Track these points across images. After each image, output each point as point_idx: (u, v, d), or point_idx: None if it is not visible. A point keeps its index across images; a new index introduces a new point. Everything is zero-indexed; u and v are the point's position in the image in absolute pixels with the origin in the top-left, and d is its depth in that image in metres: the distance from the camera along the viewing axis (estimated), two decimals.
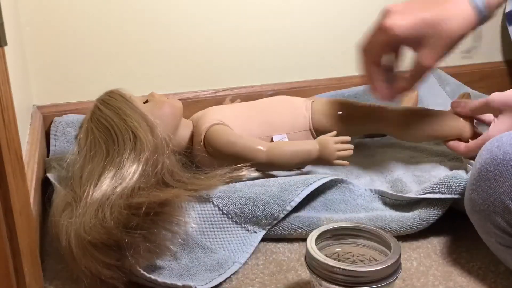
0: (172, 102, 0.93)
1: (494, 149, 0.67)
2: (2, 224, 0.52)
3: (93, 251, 0.67)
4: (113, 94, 0.88)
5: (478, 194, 0.68)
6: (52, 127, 1.09)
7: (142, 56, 1.17)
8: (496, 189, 0.65)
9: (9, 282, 0.53)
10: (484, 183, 0.67)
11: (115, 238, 0.67)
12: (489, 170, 0.66)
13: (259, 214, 0.79)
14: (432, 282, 0.71)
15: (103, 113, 0.84)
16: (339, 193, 0.87)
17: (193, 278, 0.70)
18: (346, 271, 0.59)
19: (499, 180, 0.65)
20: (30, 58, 1.09)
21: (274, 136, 0.95)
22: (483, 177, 0.67)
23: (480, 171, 0.68)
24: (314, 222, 0.80)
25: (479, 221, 0.69)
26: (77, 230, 0.69)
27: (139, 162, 0.78)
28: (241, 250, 0.77)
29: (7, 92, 0.56)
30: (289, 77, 1.28)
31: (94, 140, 0.82)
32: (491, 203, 0.66)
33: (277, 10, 1.23)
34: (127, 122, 0.82)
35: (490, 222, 0.66)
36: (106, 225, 0.68)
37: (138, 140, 0.80)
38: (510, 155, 0.65)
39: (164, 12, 1.16)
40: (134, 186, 0.75)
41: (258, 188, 0.82)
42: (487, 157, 0.67)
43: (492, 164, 0.66)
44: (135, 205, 0.70)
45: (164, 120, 0.88)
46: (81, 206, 0.73)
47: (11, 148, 0.54)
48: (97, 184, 0.75)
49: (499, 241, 0.67)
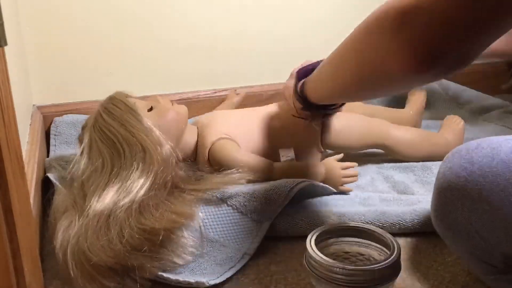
0: (176, 109, 0.91)
1: (447, 173, 0.63)
2: (2, 224, 0.52)
3: (94, 272, 0.66)
4: (116, 101, 0.85)
5: (441, 220, 0.65)
6: (52, 127, 1.09)
7: (142, 56, 1.17)
8: (456, 215, 0.61)
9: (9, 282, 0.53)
10: (444, 209, 0.63)
11: (123, 263, 0.66)
12: (446, 196, 0.62)
13: (263, 202, 0.80)
14: (433, 282, 0.71)
15: (107, 123, 0.83)
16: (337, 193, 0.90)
17: (204, 272, 0.71)
18: (346, 271, 0.59)
19: (457, 205, 0.61)
20: (30, 58, 1.09)
21: (281, 150, 0.94)
22: (442, 203, 0.64)
23: (438, 196, 0.64)
24: (315, 216, 0.81)
25: (451, 247, 0.67)
26: (78, 247, 0.67)
27: (148, 176, 0.76)
28: (249, 241, 0.77)
29: (7, 92, 0.56)
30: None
31: (98, 151, 0.81)
32: (455, 229, 0.63)
33: (277, 10, 1.23)
34: (134, 134, 0.81)
35: (460, 247, 0.64)
36: (116, 248, 0.66)
37: (148, 153, 0.79)
38: (463, 178, 0.60)
39: (164, 12, 1.16)
40: (143, 201, 0.73)
41: (260, 184, 0.84)
42: (442, 181, 0.63)
43: (448, 190, 0.62)
44: (150, 231, 0.68)
45: (169, 128, 0.87)
46: (82, 217, 0.71)
47: (11, 148, 0.54)
48: (100, 197, 0.73)
49: (474, 267, 0.65)
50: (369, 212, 0.81)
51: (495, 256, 0.60)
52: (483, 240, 0.60)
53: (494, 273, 0.63)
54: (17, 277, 0.55)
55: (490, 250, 0.60)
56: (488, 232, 0.59)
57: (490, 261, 0.61)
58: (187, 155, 0.92)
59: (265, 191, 0.81)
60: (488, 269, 0.63)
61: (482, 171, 0.59)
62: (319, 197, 0.88)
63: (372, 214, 0.81)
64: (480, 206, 0.59)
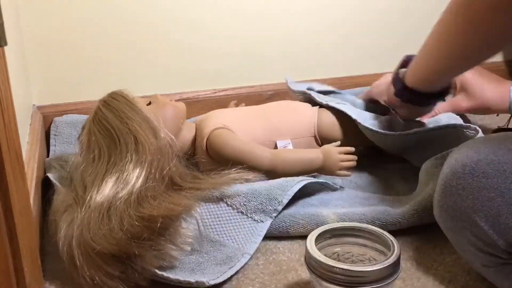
0: (175, 104, 0.92)
1: (453, 163, 0.65)
2: (2, 224, 0.52)
3: (99, 261, 0.67)
4: (115, 95, 0.87)
5: (445, 211, 0.66)
6: (52, 127, 1.09)
7: (142, 56, 1.17)
8: (461, 204, 0.63)
9: (9, 282, 0.53)
10: (449, 199, 0.65)
11: (125, 250, 0.67)
12: (452, 185, 0.64)
13: (263, 201, 0.80)
14: (433, 282, 0.71)
15: (105, 115, 0.84)
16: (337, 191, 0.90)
17: (205, 272, 0.71)
18: (346, 271, 0.59)
19: (462, 194, 0.63)
20: (30, 58, 1.09)
21: (278, 142, 0.95)
22: (447, 193, 0.65)
23: (443, 187, 0.65)
24: (314, 216, 0.81)
25: (452, 239, 0.68)
26: (83, 238, 0.68)
27: (142, 166, 0.77)
28: (249, 241, 0.77)
29: (7, 92, 0.56)
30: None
31: (96, 143, 0.82)
32: (459, 218, 0.64)
33: (277, 11, 1.23)
34: (128, 125, 0.82)
35: (462, 238, 0.65)
36: (117, 236, 0.67)
37: (140, 143, 0.79)
38: (469, 167, 0.62)
39: (164, 12, 1.16)
40: (141, 192, 0.74)
41: (259, 183, 0.84)
42: (447, 171, 0.65)
43: (453, 179, 0.64)
44: (148, 218, 0.69)
45: (167, 122, 0.87)
46: (83, 209, 0.72)
47: (11, 148, 0.54)
48: (99, 188, 0.75)
49: (474, 259, 0.66)
50: (369, 212, 0.81)
51: (499, 245, 0.61)
52: (488, 227, 0.61)
53: (496, 264, 0.63)
54: (17, 277, 0.55)
55: (494, 239, 0.61)
56: (493, 219, 0.61)
57: (494, 251, 0.62)
58: (186, 150, 0.92)
59: (265, 191, 0.81)
60: (490, 260, 0.64)
61: (488, 159, 0.62)
62: (320, 196, 0.88)
63: (372, 214, 0.81)
64: (486, 193, 0.61)
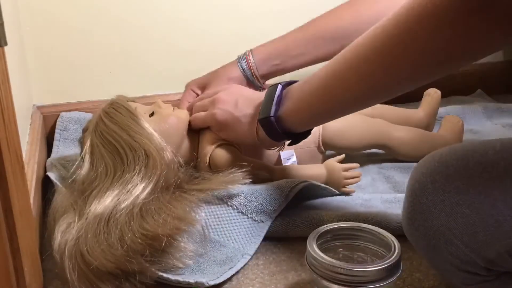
0: (177, 114, 0.90)
1: (421, 178, 0.59)
2: (2, 224, 0.52)
3: (92, 277, 0.65)
4: (117, 106, 0.85)
5: (416, 229, 0.61)
6: (58, 121, 1.09)
7: (142, 57, 1.17)
8: (433, 222, 0.58)
9: (9, 282, 0.53)
10: (419, 217, 0.60)
11: (123, 267, 0.65)
12: (422, 203, 0.59)
13: (263, 201, 0.80)
14: (433, 282, 0.71)
15: (109, 128, 0.82)
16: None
17: (204, 273, 0.71)
18: (348, 271, 0.59)
19: (434, 211, 0.58)
20: (30, 58, 1.09)
21: (282, 152, 0.93)
22: (417, 210, 0.60)
23: (412, 204, 0.60)
24: (315, 217, 0.81)
25: (427, 257, 0.64)
26: (78, 249, 0.66)
27: (150, 180, 0.76)
28: (249, 241, 0.77)
29: (7, 92, 0.56)
30: (289, 77, 1.27)
31: (100, 157, 0.80)
32: (432, 237, 0.59)
33: (277, 11, 1.23)
34: (137, 140, 0.80)
35: (438, 257, 0.61)
36: (117, 253, 0.65)
37: (151, 158, 0.78)
38: (439, 182, 0.58)
39: (164, 12, 1.16)
40: (144, 204, 0.72)
41: (260, 184, 0.84)
42: (416, 188, 0.60)
43: (423, 196, 0.59)
44: (152, 237, 0.67)
45: (170, 133, 0.86)
46: (82, 219, 0.71)
47: (11, 148, 0.54)
48: (101, 199, 0.73)
49: (453, 277, 0.62)
50: (370, 213, 0.81)
51: (477, 262, 0.58)
52: (464, 246, 0.57)
53: (476, 282, 0.60)
54: (17, 277, 0.55)
55: (472, 256, 0.57)
56: (469, 237, 0.56)
57: (472, 269, 0.59)
58: (188, 160, 0.91)
59: (266, 191, 0.81)
60: (469, 278, 0.60)
61: (459, 173, 0.57)
62: (320, 198, 0.88)
63: (373, 215, 0.81)
64: (459, 209, 0.56)
